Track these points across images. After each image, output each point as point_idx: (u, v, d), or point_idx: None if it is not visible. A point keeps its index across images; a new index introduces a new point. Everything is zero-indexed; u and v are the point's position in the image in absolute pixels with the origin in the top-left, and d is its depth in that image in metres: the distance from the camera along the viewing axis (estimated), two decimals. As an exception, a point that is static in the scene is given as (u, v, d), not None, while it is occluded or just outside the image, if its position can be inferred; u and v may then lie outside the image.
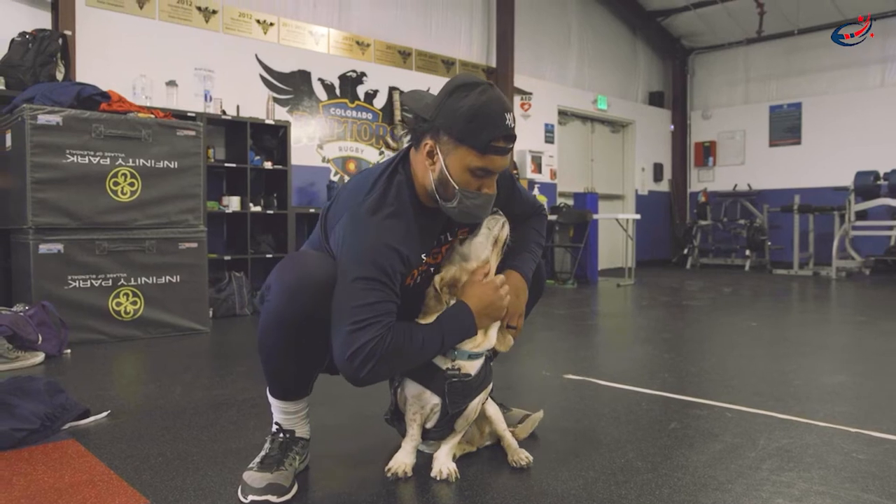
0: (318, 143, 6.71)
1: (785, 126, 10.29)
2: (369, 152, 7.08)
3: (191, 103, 5.52)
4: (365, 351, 1.48)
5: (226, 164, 5.71)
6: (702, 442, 2.00)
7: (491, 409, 1.85)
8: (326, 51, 6.78)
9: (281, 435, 1.71)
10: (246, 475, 1.60)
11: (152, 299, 3.96)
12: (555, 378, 2.89)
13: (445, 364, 1.66)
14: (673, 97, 11.23)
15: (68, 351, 3.48)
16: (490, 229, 1.74)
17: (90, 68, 5.11)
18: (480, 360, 1.71)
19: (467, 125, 1.55)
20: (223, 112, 5.65)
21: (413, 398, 1.70)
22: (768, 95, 10.52)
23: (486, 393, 1.78)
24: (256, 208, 5.71)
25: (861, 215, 8.27)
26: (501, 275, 1.75)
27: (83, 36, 5.15)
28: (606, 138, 10.53)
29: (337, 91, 6.86)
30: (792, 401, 2.47)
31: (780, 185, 10.08)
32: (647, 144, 10.86)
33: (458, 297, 1.68)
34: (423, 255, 1.68)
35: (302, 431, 1.75)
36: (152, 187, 3.96)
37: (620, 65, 10.44)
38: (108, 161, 3.81)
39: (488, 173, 1.61)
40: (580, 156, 10.01)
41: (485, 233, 1.74)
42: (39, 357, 3.23)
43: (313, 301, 1.53)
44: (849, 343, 3.97)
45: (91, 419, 2.23)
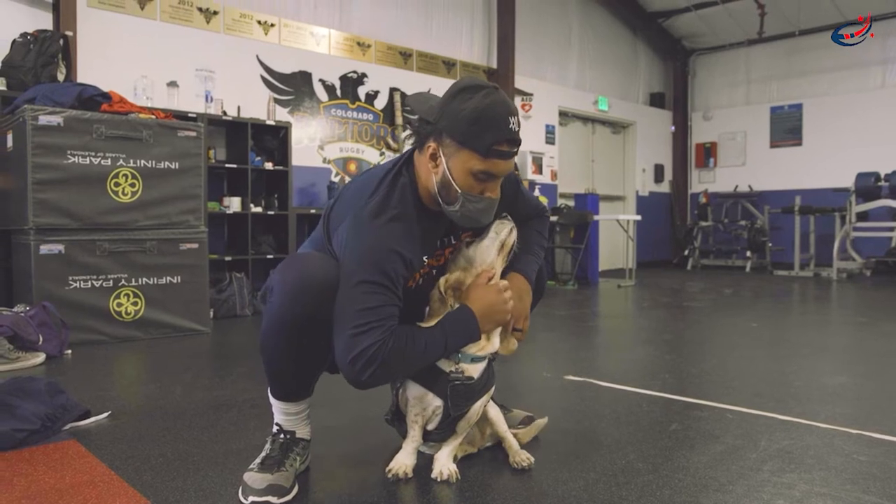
0: (319, 144, 6.71)
1: (786, 127, 10.29)
2: (370, 153, 7.09)
3: (192, 104, 5.53)
4: (367, 355, 1.49)
5: (227, 165, 5.71)
6: (703, 443, 2.00)
7: (492, 411, 1.85)
8: (327, 52, 6.78)
9: (282, 436, 1.71)
10: (246, 476, 1.60)
11: (153, 300, 3.96)
12: (555, 379, 2.89)
13: (449, 367, 1.66)
14: (674, 98, 11.23)
15: (69, 351, 3.48)
16: (497, 234, 1.73)
17: (91, 69, 5.12)
18: (483, 363, 1.71)
19: (470, 128, 1.54)
20: (224, 113, 5.66)
21: (415, 400, 1.70)
22: (769, 96, 10.52)
23: (489, 395, 1.78)
24: (257, 209, 5.72)
25: (862, 216, 8.27)
26: (504, 279, 1.74)
27: (84, 37, 5.16)
28: (607, 139, 10.52)
29: (338, 92, 6.86)
30: (793, 402, 2.47)
31: (781, 187, 10.07)
32: (648, 145, 10.86)
33: (462, 301, 1.67)
34: (425, 258, 1.68)
35: (303, 432, 1.75)
36: (153, 188, 3.96)
37: (621, 66, 10.44)
38: (109, 162, 3.82)
39: (491, 177, 1.60)
40: (581, 157, 10.01)
41: (492, 237, 1.73)
42: (40, 357, 3.23)
43: (315, 303, 1.53)
44: (850, 344, 3.97)
45: (92, 420, 2.23)
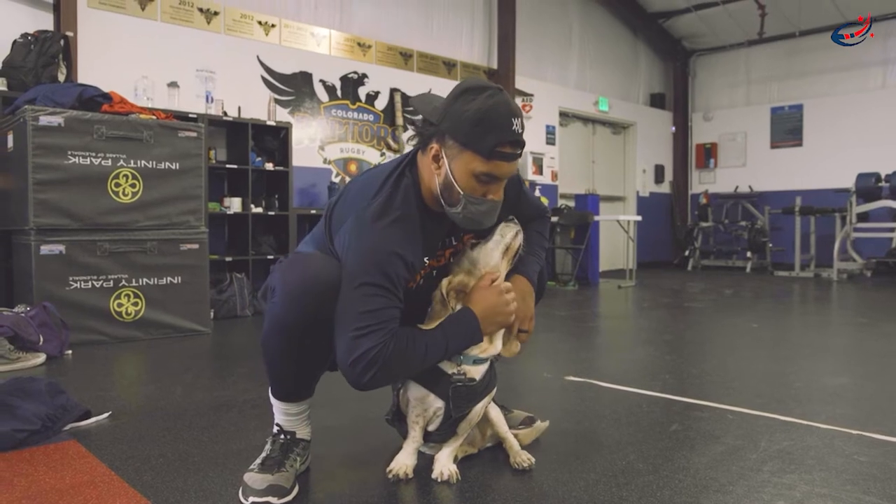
0: (320, 145, 6.72)
1: (786, 128, 10.28)
2: (370, 154, 7.09)
3: (192, 104, 5.53)
4: (368, 357, 1.49)
5: (227, 166, 5.72)
6: (703, 444, 2.00)
7: (493, 412, 1.85)
8: (328, 52, 6.78)
9: (282, 436, 1.72)
10: (247, 476, 1.60)
11: (153, 300, 3.96)
12: (556, 380, 2.89)
13: (451, 369, 1.66)
14: (674, 99, 11.24)
15: (69, 352, 3.48)
16: (503, 237, 1.72)
17: (92, 69, 5.12)
18: (486, 365, 1.71)
19: (472, 129, 1.53)
20: (224, 113, 5.66)
21: (416, 401, 1.69)
22: (769, 97, 10.52)
23: (490, 397, 1.78)
24: (258, 209, 5.72)
25: (862, 217, 8.27)
26: (508, 281, 1.73)
27: (85, 37, 5.16)
28: (607, 140, 10.52)
29: (338, 92, 6.87)
30: (793, 403, 2.47)
31: (782, 187, 10.07)
32: (649, 146, 10.86)
33: (465, 303, 1.66)
34: (426, 259, 1.67)
35: (303, 433, 1.75)
36: (154, 188, 3.97)
37: (621, 66, 10.45)
38: (110, 162, 3.82)
39: (494, 179, 1.58)
40: (581, 157, 10.01)
41: (497, 240, 1.72)
42: (41, 358, 3.23)
43: (317, 305, 1.53)
44: (850, 345, 3.97)
45: (92, 420, 2.23)
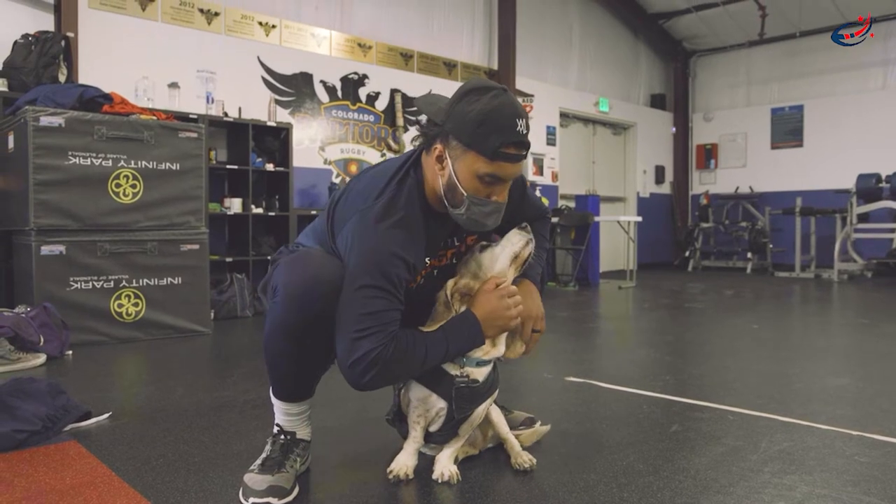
0: (320, 145, 6.72)
1: (787, 128, 10.28)
2: (371, 154, 7.09)
3: (193, 105, 5.53)
4: (368, 359, 1.49)
5: (227, 166, 5.72)
6: (703, 445, 2.00)
7: (494, 413, 1.85)
8: (328, 53, 6.79)
9: (282, 437, 1.72)
10: (247, 477, 1.61)
11: (154, 301, 3.96)
12: (556, 380, 2.89)
13: (454, 370, 1.65)
14: (674, 99, 11.24)
15: (70, 352, 3.48)
16: (513, 244, 1.70)
17: (92, 70, 5.13)
18: (489, 367, 1.71)
19: (476, 130, 1.52)
20: (225, 114, 5.66)
21: (418, 401, 1.69)
22: (770, 98, 10.52)
23: (492, 398, 1.78)
24: (258, 210, 5.72)
25: (863, 218, 8.26)
26: (513, 285, 1.71)
27: (86, 38, 5.16)
28: (608, 140, 10.52)
29: (339, 93, 6.87)
30: (794, 403, 2.46)
31: (782, 188, 10.07)
32: (649, 147, 10.86)
33: (469, 306, 1.65)
34: (428, 259, 1.67)
35: (303, 433, 1.75)
36: (154, 189, 3.97)
37: (622, 67, 10.45)
38: (110, 163, 3.82)
39: (498, 180, 1.57)
40: (582, 158, 10.01)
41: (506, 246, 1.70)
42: (41, 358, 3.23)
43: (318, 305, 1.53)
44: (851, 346, 3.97)
45: (92, 421, 2.23)
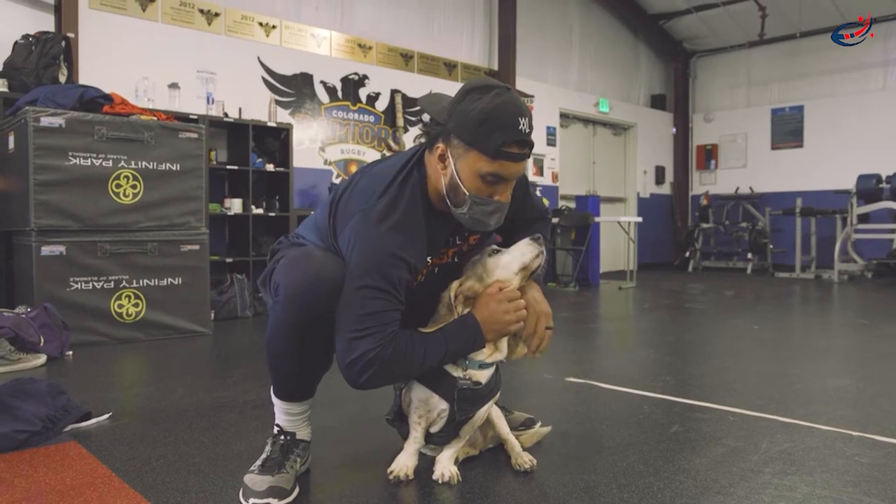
0: (320, 146, 6.72)
1: (787, 129, 10.28)
2: (371, 155, 7.09)
3: (193, 105, 5.53)
4: (365, 359, 1.50)
5: (228, 167, 5.72)
6: (704, 445, 2.00)
7: (495, 413, 1.85)
8: (328, 53, 6.79)
9: (282, 437, 1.71)
10: (247, 478, 1.60)
11: (154, 301, 3.96)
12: (556, 381, 2.89)
13: (456, 372, 1.65)
14: (675, 100, 11.24)
15: (70, 353, 3.48)
16: (524, 255, 1.68)
17: (93, 70, 5.13)
18: (491, 369, 1.70)
19: (478, 129, 1.51)
20: (225, 114, 5.66)
21: (420, 402, 1.69)
22: (770, 98, 10.52)
23: (494, 400, 1.77)
24: (258, 210, 5.72)
25: (863, 218, 8.26)
26: (517, 289, 1.69)
27: (86, 38, 5.16)
28: (608, 141, 10.53)
29: (339, 93, 6.87)
30: (794, 404, 2.46)
31: (782, 188, 10.07)
32: (649, 147, 10.86)
33: (471, 309, 1.64)
34: (429, 258, 1.67)
35: (303, 433, 1.75)
36: (154, 189, 3.97)
37: (622, 68, 10.45)
38: (111, 163, 3.82)
39: (500, 180, 1.56)
40: (582, 158, 10.02)
41: (518, 257, 1.68)
42: (41, 359, 3.23)
43: (321, 305, 1.54)
44: (851, 346, 3.97)
45: (93, 421, 2.23)
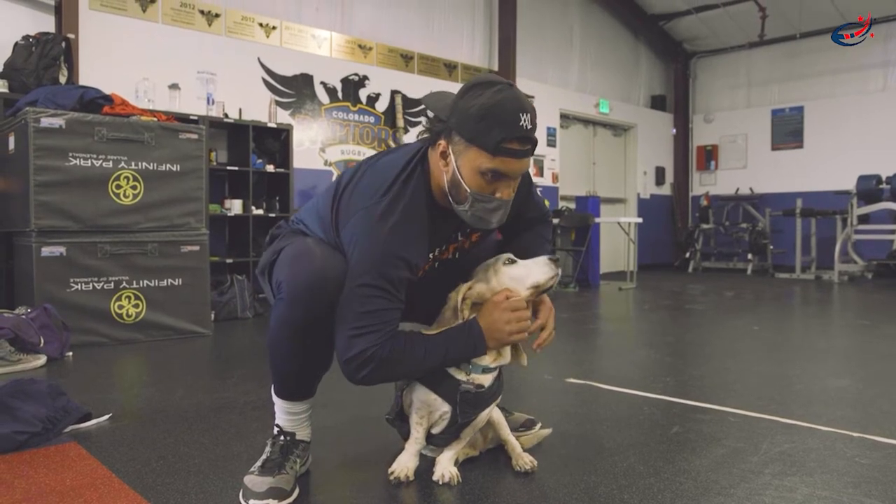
0: (321, 147, 6.72)
1: (787, 130, 10.29)
2: (371, 155, 7.08)
3: (193, 106, 5.54)
4: (363, 357, 1.51)
5: (228, 168, 5.72)
6: (704, 446, 2.00)
7: (495, 414, 1.84)
8: (329, 54, 6.79)
9: (282, 438, 1.71)
10: (247, 479, 1.60)
11: (154, 302, 3.96)
12: (556, 382, 2.89)
13: (460, 375, 1.65)
14: (675, 101, 11.24)
15: (70, 354, 3.48)
16: (538, 275, 1.65)
17: (93, 71, 5.13)
18: (494, 373, 1.70)
19: (477, 125, 1.50)
20: (225, 115, 5.66)
21: (421, 403, 1.69)
22: (770, 99, 10.52)
23: (496, 403, 1.77)
24: (258, 211, 5.72)
25: (863, 219, 8.26)
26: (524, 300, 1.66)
27: (86, 39, 5.17)
28: (608, 142, 10.53)
29: (339, 94, 6.87)
30: (794, 405, 2.46)
31: (783, 189, 10.07)
32: (649, 148, 10.86)
33: (476, 314, 1.64)
34: (431, 255, 1.67)
35: (303, 434, 1.75)
36: (154, 190, 3.97)
37: (622, 68, 10.45)
38: (111, 164, 3.82)
39: (501, 176, 1.54)
40: (582, 159, 10.02)
41: (532, 275, 1.65)
42: (41, 360, 3.23)
43: (324, 303, 1.54)
44: (851, 347, 3.96)
45: (93, 422, 2.23)
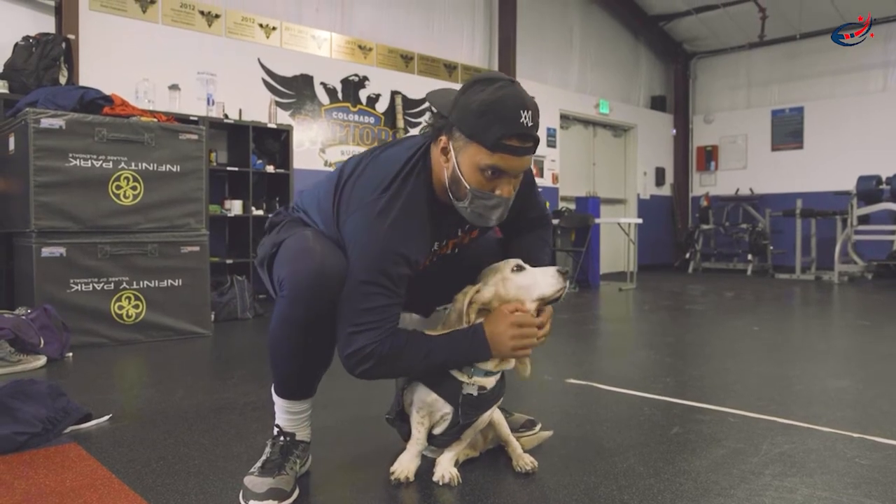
0: (321, 147, 6.72)
1: (787, 130, 10.29)
2: (371, 156, 7.08)
3: (193, 107, 5.54)
4: (362, 353, 1.52)
5: (228, 168, 5.73)
6: (704, 447, 2.00)
7: (496, 415, 1.84)
8: (329, 55, 6.79)
9: (282, 438, 1.71)
10: (247, 480, 1.60)
11: (154, 303, 3.96)
12: (557, 382, 2.89)
13: (462, 377, 1.65)
14: (675, 101, 11.24)
15: (70, 354, 3.48)
16: (544, 287, 1.64)
17: (93, 72, 5.13)
18: (497, 376, 1.70)
19: (477, 121, 1.49)
20: (225, 116, 5.67)
21: (423, 403, 1.68)
22: (770, 100, 10.52)
23: (497, 404, 1.77)
24: (258, 212, 5.72)
25: (863, 220, 8.26)
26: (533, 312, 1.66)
27: (86, 40, 5.17)
28: (608, 142, 10.53)
29: (339, 95, 6.87)
30: (794, 405, 2.46)
31: (783, 190, 10.07)
32: (649, 148, 10.86)
33: (483, 320, 1.63)
34: (431, 250, 1.67)
35: (303, 434, 1.75)
36: (154, 191, 3.97)
37: (622, 69, 10.45)
38: (111, 165, 3.82)
39: (501, 173, 1.53)
40: (582, 160, 10.02)
41: (539, 286, 1.64)
42: (41, 360, 3.23)
43: (326, 302, 1.54)
44: (851, 347, 3.96)
45: (93, 423, 2.23)
